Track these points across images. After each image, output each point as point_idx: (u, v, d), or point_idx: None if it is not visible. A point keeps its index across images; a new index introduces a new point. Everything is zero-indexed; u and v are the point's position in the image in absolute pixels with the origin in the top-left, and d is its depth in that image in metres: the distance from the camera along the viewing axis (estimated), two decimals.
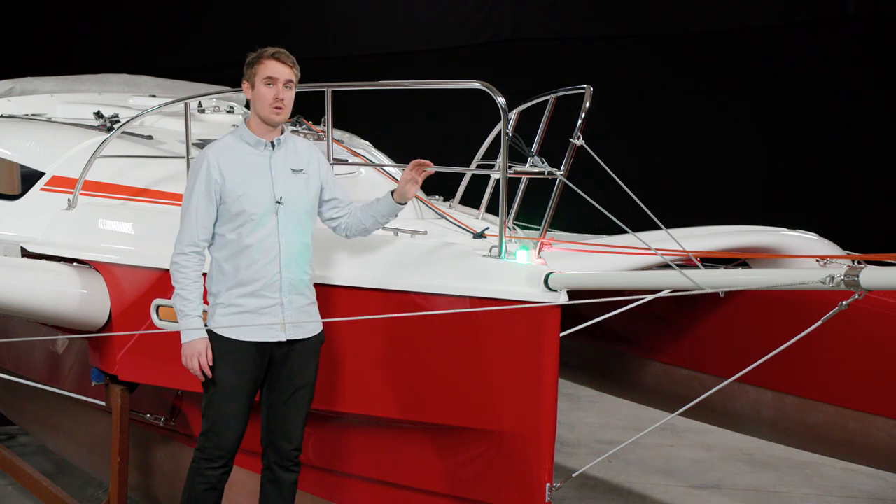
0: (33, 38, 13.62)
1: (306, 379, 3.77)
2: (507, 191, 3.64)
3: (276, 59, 3.69)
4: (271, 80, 3.67)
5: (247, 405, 3.73)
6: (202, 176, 3.66)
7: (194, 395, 3.87)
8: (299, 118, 5.39)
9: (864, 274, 2.67)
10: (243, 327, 3.63)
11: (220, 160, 3.67)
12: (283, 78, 3.68)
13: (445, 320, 3.51)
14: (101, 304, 4.40)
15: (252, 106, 3.75)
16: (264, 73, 3.67)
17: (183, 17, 12.86)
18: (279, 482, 3.83)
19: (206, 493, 3.76)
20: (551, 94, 4.68)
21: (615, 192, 3.89)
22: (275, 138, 3.75)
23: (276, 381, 3.76)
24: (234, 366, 3.66)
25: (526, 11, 11.17)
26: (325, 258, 3.93)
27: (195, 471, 3.76)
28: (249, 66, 3.72)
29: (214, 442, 3.71)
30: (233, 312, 3.66)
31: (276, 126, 3.74)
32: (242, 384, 3.69)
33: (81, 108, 6.33)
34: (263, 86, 3.67)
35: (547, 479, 3.40)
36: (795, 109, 9.92)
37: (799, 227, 5.10)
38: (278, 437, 3.78)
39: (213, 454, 3.72)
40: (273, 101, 3.67)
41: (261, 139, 3.73)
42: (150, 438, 4.89)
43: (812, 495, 5.90)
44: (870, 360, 4.66)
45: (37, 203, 5.12)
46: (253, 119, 3.76)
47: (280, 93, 3.67)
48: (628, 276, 3.87)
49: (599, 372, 6.15)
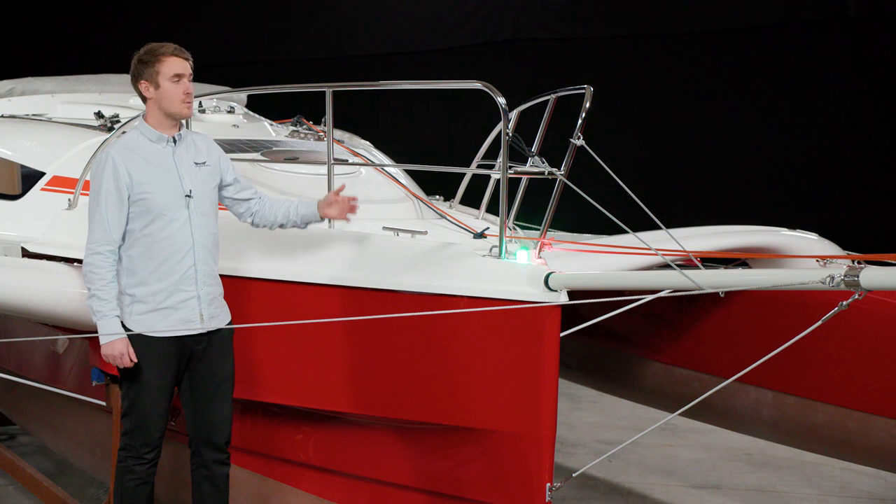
0: (33, 39, 13.63)
1: (227, 371, 3.85)
2: (507, 191, 3.64)
3: (179, 56, 3.74)
4: (178, 76, 3.71)
5: (169, 401, 3.81)
6: (109, 174, 3.66)
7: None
8: (299, 118, 5.40)
9: (864, 274, 2.67)
10: (164, 323, 3.67)
11: (124, 158, 3.69)
12: (187, 73, 3.73)
13: (446, 320, 3.51)
14: None
15: (155, 103, 3.75)
16: (170, 70, 3.70)
17: (183, 17, 12.86)
18: (214, 478, 3.88)
19: (138, 488, 3.81)
20: (551, 94, 4.69)
21: (615, 192, 3.89)
22: (175, 133, 3.78)
23: (197, 377, 3.81)
24: (156, 365, 3.71)
25: (526, 11, 11.16)
26: (325, 258, 3.93)
27: (123, 469, 3.81)
28: (147, 65, 3.72)
29: (141, 440, 3.76)
30: (150, 309, 3.69)
31: (182, 120, 3.80)
32: (165, 383, 3.75)
33: (82, 109, 6.33)
34: (171, 83, 3.70)
35: (547, 479, 3.40)
36: (795, 110, 9.90)
37: (799, 227, 5.10)
38: (209, 433, 3.84)
39: (140, 451, 3.77)
40: (184, 97, 3.72)
41: (163, 135, 3.76)
42: None
43: (812, 495, 5.90)
44: (870, 360, 4.66)
45: (37, 203, 5.12)
46: (154, 116, 3.77)
47: (188, 87, 3.72)
48: (628, 276, 3.87)
49: (599, 372, 6.15)
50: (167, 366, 3.73)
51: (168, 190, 3.69)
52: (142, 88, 3.76)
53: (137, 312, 3.70)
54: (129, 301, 3.72)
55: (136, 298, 3.71)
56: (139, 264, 3.69)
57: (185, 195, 3.70)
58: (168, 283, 3.68)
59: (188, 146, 3.82)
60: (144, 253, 3.68)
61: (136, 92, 3.80)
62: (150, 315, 3.69)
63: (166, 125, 3.77)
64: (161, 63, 3.71)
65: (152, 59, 3.72)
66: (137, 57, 3.76)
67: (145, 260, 3.68)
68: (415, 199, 5.01)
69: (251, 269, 4.01)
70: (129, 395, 3.76)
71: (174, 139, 3.77)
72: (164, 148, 3.75)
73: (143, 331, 3.68)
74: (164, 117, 3.75)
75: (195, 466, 3.90)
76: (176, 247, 3.68)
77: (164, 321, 3.69)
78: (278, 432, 4.23)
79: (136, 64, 3.75)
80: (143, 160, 3.70)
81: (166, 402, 3.78)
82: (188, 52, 3.79)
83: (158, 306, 3.69)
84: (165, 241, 3.67)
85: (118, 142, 3.81)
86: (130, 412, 3.77)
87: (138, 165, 3.68)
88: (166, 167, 3.72)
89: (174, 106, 3.72)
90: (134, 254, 3.70)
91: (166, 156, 3.74)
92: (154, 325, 3.68)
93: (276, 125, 5.94)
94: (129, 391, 3.76)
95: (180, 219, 3.69)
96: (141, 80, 3.75)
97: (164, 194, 3.68)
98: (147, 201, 3.66)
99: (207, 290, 3.75)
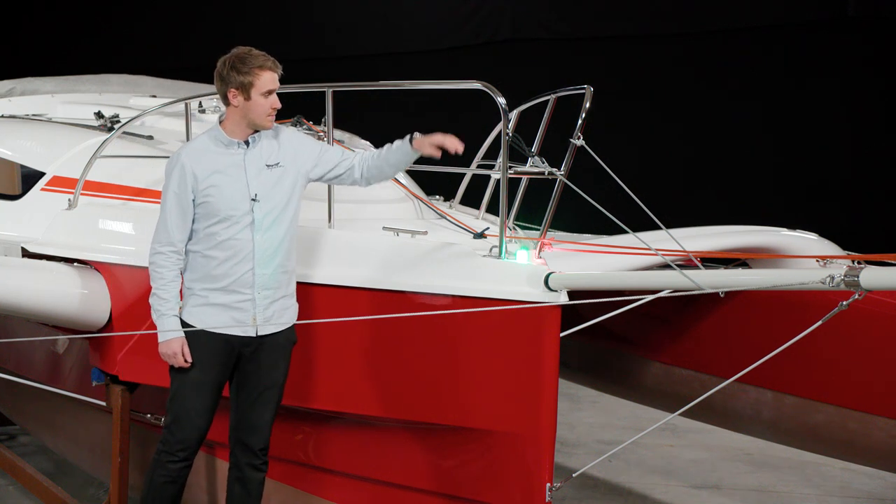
0: (34, 39, 13.62)
1: (275, 378, 3.80)
2: (507, 191, 3.64)
3: (271, 70, 3.67)
4: (271, 92, 3.68)
5: (212, 401, 3.77)
6: (175, 177, 3.70)
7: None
8: (299, 118, 5.39)
9: (864, 274, 2.67)
10: (216, 319, 3.68)
11: (192, 161, 3.70)
12: (277, 87, 3.70)
13: (446, 320, 3.51)
14: (102, 305, 4.40)
15: (240, 112, 3.69)
16: (265, 86, 3.65)
17: (183, 17, 12.85)
18: (246, 481, 3.86)
19: (165, 485, 3.80)
20: (551, 94, 4.69)
21: (615, 192, 3.89)
22: (250, 136, 3.76)
23: (245, 379, 3.80)
24: (201, 360, 3.71)
25: (526, 11, 11.16)
26: (325, 258, 3.93)
27: (156, 462, 3.81)
28: (241, 74, 3.64)
29: (177, 436, 3.75)
30: (204, 304, 3.71)
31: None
32: (208, 379, 3.73)
33: (82, 109, 6.32)
34: (262, 97, 3.66)
35: (547, 479, 3.41)
36: (794, 110, 9.91)
37: (799, 227, 5.10)
38: (246, 435, 3.82)
39: (174, 448, 3.76)
40: (271, 112, 3.70)
41: (233, 140, 3.74)
42: (151, 438, 4.89)
43: (812, 495, 5.90)
44: (870, 360, 4.66)
45: (37, 203, 5.12)
46: (235, 123, 3.73)
47: (276, 102, 3.70)
48: (628, 276, 3.87)
49: (599, 372, 6.15)
50: (212, 363, 3.73)
51: (233, 193, 3.68)
52: (230, 96, 3.68)
53: (192, 304, 3.74)
54: (187, 294, 3.77)
55: (194, 292, 3.74)
56: (201, 261, 3.72)
57: (250, 199, 3.68)
58: (225, 282, 3.69)
59: (261, 148, 3.76)
60: (205, 251, 3.70)
61: (219, 95, 3.72)
62: (203, 308, 3.71)
63: (243, 133, 3.74)
64: (257, 77, 3.64)
65: (247, 70, 3.64)
66: (229, 62, 3.66)
67: (206, 258, 3.71)
68: (415, 199, 5.01)
69: None
70: (172, 387, 3.78)
71: (247, 142, 3.75)
72: (234, 152, 3.73)
73: (195, 323, 3.70)
74: (246, 126, 3.72)
75: (231, 466, 3.90)
76: (236, 249, 3.68)
77: (215, 317, 3.70)
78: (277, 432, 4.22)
79: (229, 70, 3.65)
80: (211, 163, 3.70)
81: (207, 400, 3.75)
82: (278, 63, 3.70)
83: (213, 302, 3.71)
84: (226, 242, 3.68)
85: (190, 144, 3.83)
86: (171, 405, 3.78)
87: (206, 168, 3.69)
88: (234, 171, 3.70)
89: (260, 119, 3.69)
90: (197, 251, 3.73)
91: (237, 159, 3.72)
92: (206, 319, 3.70)
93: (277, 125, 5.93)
94: (172, 384, 3.78)
95: (243, 222, 3.68)
96: (231, 88, 3.67)
97: (228, 197, 3.67)
98: (211, 204, 3.67)
99: (265, 294, 3.71)
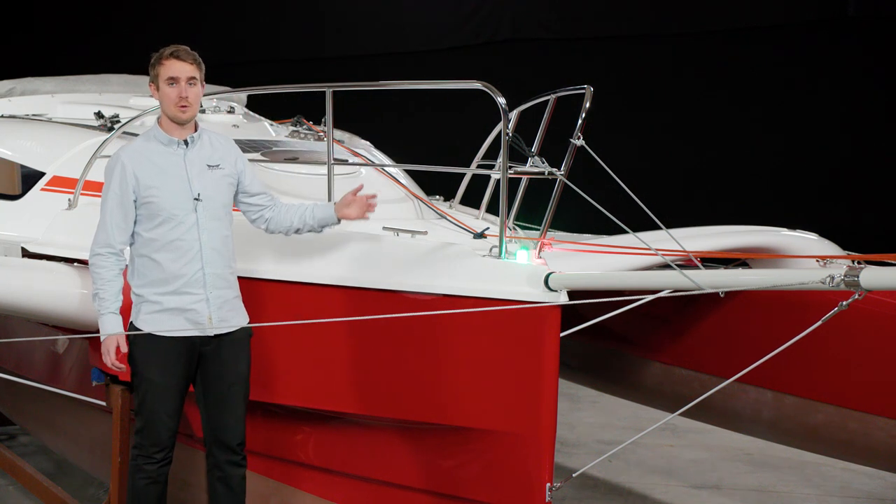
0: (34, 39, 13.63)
1: (239, 373, 3.83)
2: (507, 191, 3.64)
3: (176, 58, 3.72)
4: (173, 79, 3.70)
5: (178, 402, 3.81)
6: (116, 178, 3.70)
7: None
8: (299, 118, 5.40)
9: (864, 274, 2.67)
10: (171, 324, 3.68)
11: (133, 162, 3.71)
12: (184, 76, 3.70)
13: (446, 320, 3.51)
14: None
15: (161, 106, 3.77)
16: (166, 73, 3.70)
17: (183, 17, 12.85)
18: (228, 479, 3.87)
19: (147, 487, 3.83)
20: (551, 94, 4.69)
21: (615, 192, 3.89)
22: (188, 136, 3.77)
23: (208, 378, 3.82)
24: (163, 366, 3.72)
25: (526, 11, 11.17)
26: (324, 258, 3.93)
27: (134, 468, 3.84)
28: (152, 68, 3.75)
29: (150, 439, 3.79)
30: (157, 310, 3.71)
31: (184, 124, 3.76)
32: (172, 383, 3.75)
33: (82, 109, 6.33)
34: (167, 86, 3.70)
35: (547, 479, 3.41)
36: (794, 110, 9.91)
37: (799, 227, 5.11)
38: (222, 433, 3.84)
39: (149, 451, 3.80)
40: (177, 100, 3.70)
41: (173, 138, 3.76)
42: None
43: (812, 495, 5.90)
44: (870, 360, 4.66)
45: (37, 203, 5.12)
46: (164, 119, 3.79)
47: (183, 91, 3.70)
48: (628, 276, 3.87)
49: (599, 372, 6.15)
50: (174, 366, 3.74)
51: (175, 193, 3.69)
52: (151, 91, 3.79)
53: (145, 312, 3.73)
54: (137, 301, 3.75)
55: (145, 299, 3.73)
56: (148, 266, 3.71)
57: (193, 198, 3.70)
58: (176, 285, 3.69)
59: (202, 147, 3.80)
60: (152, 255, 3.70)
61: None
62: (156, 315, 3.71)
63: (175, 128, 3.77)
64: (161, 66, 3.72)
65: (155, 62, 3.74)
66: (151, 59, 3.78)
67: (153, 262, 3.70)
68: (415, 199, 5.01)
69: (250, 269, 4.01)
70: (138, 394, 3.80)
71: (186, 142, 3.76)
72: (174, 151, 3.75)
73: (151, 330, 3.69)
74: (170, 120, 3.76)
75: (209, 467, 3.91)
76: (183, 250, 3.69)
77: (170, 321, 3.70)
78: (277, 432, 4.23)
79: (149, 66, 3.77)
80: (152, 163, 3.71)
81: (175, 402, 3.78)
82: (194, 54, 3.76)
83: (166, 307, 3.70)
84: (172, 244, 3.68)
85: (130, 145, 3.83)
86: (140, 411, 3.80)
87: (147, 168, 3.70)
88: (175, 170, 3.72)
89: (170, 109, 3.72)
90: (143, 255, 3.72)
91: (177, 159, 3.74)
92: (161, 326, 3.70)
93: (276, 125, 5.94)
94: (138, 390, 3.79)
95: (188, 222, 3.69)
96: (150, 83, 3.78)
97: (171, 197, 3.68)
98: (154, 204, 3.67)
99: (217, 294, 3.73)
